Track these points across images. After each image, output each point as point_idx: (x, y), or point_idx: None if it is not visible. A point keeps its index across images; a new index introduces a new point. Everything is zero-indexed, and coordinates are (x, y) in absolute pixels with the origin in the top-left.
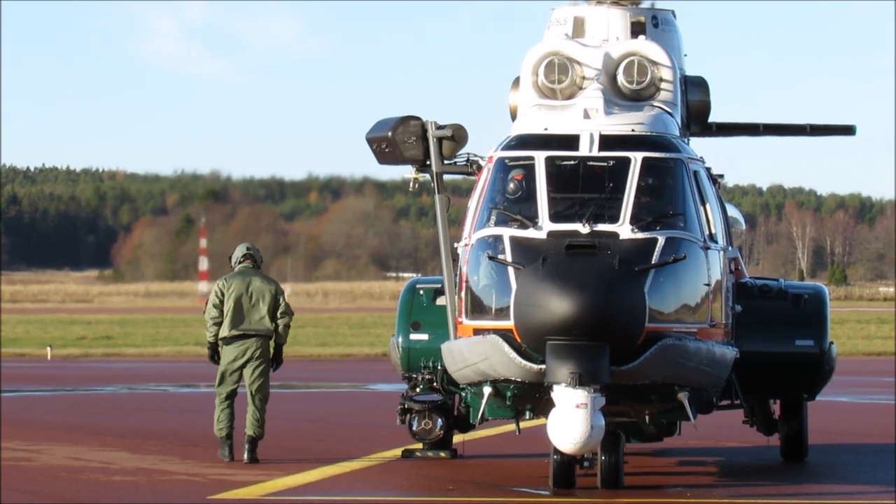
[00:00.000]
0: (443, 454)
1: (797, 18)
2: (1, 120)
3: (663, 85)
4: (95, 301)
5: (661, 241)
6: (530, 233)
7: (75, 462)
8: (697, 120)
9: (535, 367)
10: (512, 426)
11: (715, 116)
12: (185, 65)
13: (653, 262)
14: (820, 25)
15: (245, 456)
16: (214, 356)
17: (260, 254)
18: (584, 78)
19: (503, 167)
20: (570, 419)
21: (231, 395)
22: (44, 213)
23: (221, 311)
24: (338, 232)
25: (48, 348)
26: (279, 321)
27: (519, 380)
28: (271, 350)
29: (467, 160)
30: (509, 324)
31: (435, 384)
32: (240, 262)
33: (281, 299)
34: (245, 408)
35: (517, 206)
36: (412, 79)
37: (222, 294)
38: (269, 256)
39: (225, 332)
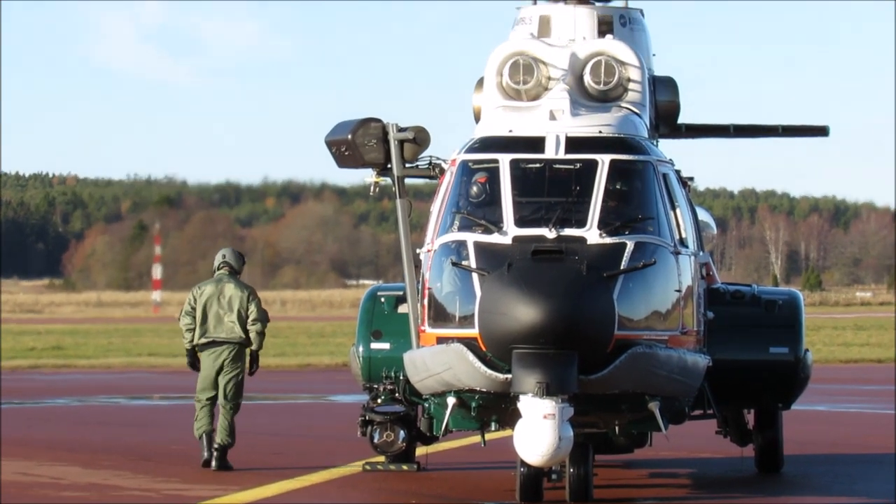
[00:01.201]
0: (405, 467)
1: (771, 16)
2: None
3: (631, 85)
4: (45, 311)
5: (629, 246)
6: (495, 238)
7: (24, 478)
8: (666, 121)
9: (501, 376)
10: (477, 438)
11: (684, 117)
12: (138, 67)
13: (621, 267)
14: (794, 23)
15: (214, 464)
16: (193, 363)
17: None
18: (549, 78)
19: (466, 170)
20: (538, 430)
21: (211, 400)
22: None
23: (194, 318)
24: (296, 238)
25: None
26: (250, 328)
27: (484, 390)
28: (247, 357)
29: (429, 163)
30: (474, 332)
31: (397, 395)
32: (217, 269)
33: (253, 305)
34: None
35: (481, 211)
36: (373, 81)
37: (195, 301)
38: None
39: (197, 339)
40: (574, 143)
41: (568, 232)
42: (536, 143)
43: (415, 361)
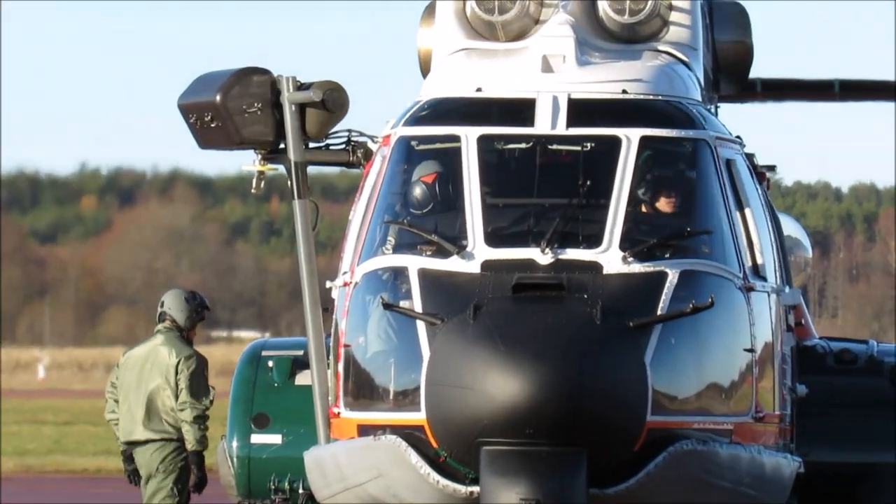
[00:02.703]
0: None
1: None
2: None
3: (674, 16)
4: None
5: (671, 276)
6: (454, 263)
7: None
8: (732, 74)
9: (462, 488)
10: None
11: (760, 69)
12: None
13: (658, 313)
14: None
15: None
16: (131, 471)
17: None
18: (542, 5)
19: (408, 153)
20: None
21: None
22: None
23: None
24: (129, 262)
25: None
26: (180, 416)
27: None
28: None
29: (348, 141)
30: (419, 417)
31: None
32: (158, 324)
33: (183, 381)
34: None
35: (431, 219)
36: (259, 11)
37: (116, 377)
38: (13, 303)
39: (123, 435)
40: (582, 111)
41: (572, 254)
42: (521, 110)
43: (323, 465)
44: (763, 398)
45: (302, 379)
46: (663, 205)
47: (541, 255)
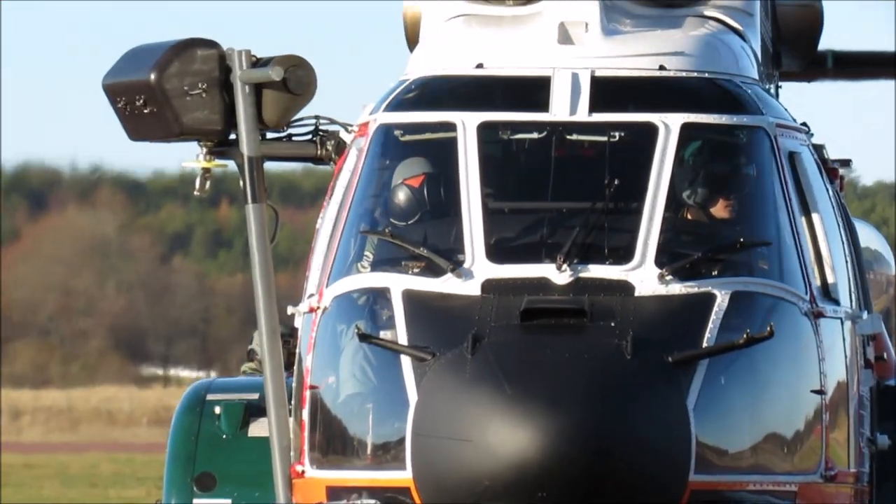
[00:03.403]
0: None
1: None
2: None
3: None
4: None
5: (720, 299)
6: (447, 283)
7: None
8: (797, 46)
9: None
10: None
11: (829, 40)
12: None
13: (704, 345)
14: None
15: None
16: None
17: None
18: None
19: (391, 145)
20: None
21: None
22: None
23: None
24: (40, 283)
25: None
26: None
27: None
28: None
29: (315, 130)
30: (403, 476)
31: None
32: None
33: None
34: None
35: (419, 228)
36: None
37: None
38: None
39: None
40: (609, 91)
41: (596, 272)
42: (533, 91)
43: None
44: (835, 452)
45: (257, 429)
46: (710, 209)
47: (557, 273)
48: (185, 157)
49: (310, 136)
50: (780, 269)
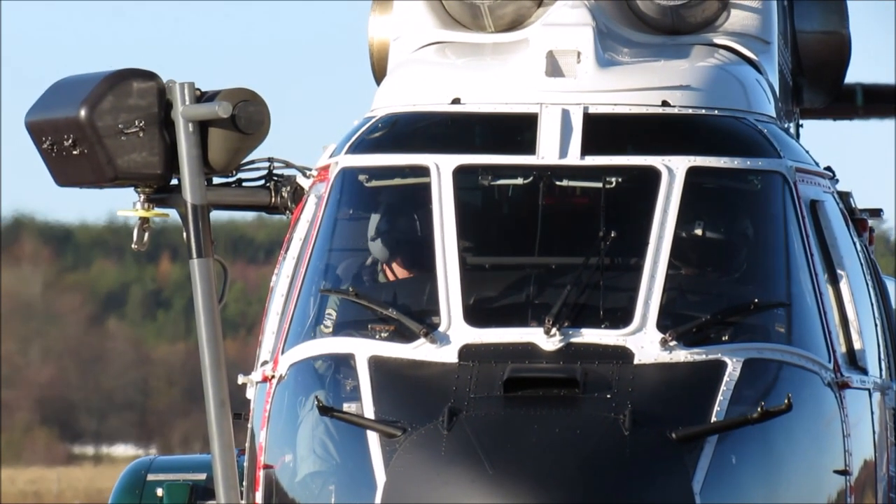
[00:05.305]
0: None
1: None
2: None
3: None
4: None
5: (731, 367)
6: (420, 349)
7: None
8: (821, 79)
9: None
10: None
11: (857, 73)
12: None
13: (713, 419)
14: None
15: None
16: None
17: None
18: None
19: (355, 192)
20: None
21: None
22: None
23: None
24: None
25: None
26: None
27: None
28: None
29: (268, 175)
30: None
31: None
32: None
33: None
34: None
35: (388, 287)
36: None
37: None
38: None
39: None
40: (604, 131)
41: (590, 336)
42: (517, 131)
43: None
44: None
45: None
46: (720, 265)
47: (545, 338)
48: (121, 205)
49: (262, 182)
50: (800, 334)
